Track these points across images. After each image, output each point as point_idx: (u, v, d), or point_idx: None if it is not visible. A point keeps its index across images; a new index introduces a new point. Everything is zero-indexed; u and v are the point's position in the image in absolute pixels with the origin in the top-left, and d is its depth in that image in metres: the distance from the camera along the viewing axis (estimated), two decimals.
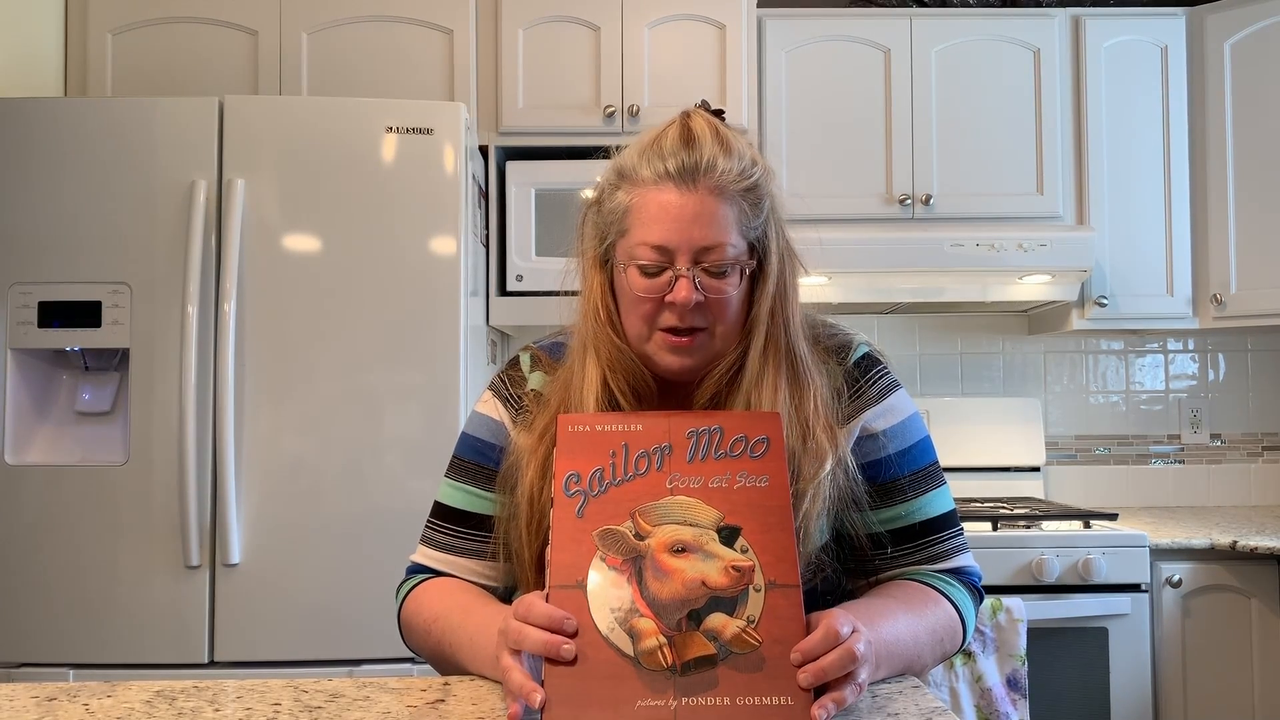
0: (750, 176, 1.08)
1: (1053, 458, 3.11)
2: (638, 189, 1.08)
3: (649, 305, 1.08)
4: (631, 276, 1.08)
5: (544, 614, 0.90)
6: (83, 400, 2.20)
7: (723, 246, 1.06)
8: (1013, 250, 2.63)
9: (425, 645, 1.16)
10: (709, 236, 1.06)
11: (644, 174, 1.08)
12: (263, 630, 2.13)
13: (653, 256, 1.06)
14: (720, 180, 1.06)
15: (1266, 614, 2.42)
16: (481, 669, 1.06)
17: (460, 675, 1.10)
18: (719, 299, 1.08)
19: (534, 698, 0.86)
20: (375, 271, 2.18)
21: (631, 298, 1.09)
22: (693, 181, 1.06)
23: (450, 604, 1.14)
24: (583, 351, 1.14)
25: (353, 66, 2.63)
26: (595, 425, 1.03)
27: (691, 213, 1.05)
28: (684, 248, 1.05)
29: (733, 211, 1.07)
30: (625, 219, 1.09)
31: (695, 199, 1.06)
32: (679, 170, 1.06)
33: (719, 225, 1.06)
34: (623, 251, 1.09)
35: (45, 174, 2.17)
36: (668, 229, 1.06)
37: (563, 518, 0.96)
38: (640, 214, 1.07)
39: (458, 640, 1.10)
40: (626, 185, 1.10)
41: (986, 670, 2.24)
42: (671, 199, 1.06)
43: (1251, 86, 2.75)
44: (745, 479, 0.99)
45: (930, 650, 1.09)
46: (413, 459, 2.16)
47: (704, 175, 1.06)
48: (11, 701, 1.01)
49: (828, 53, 2.80)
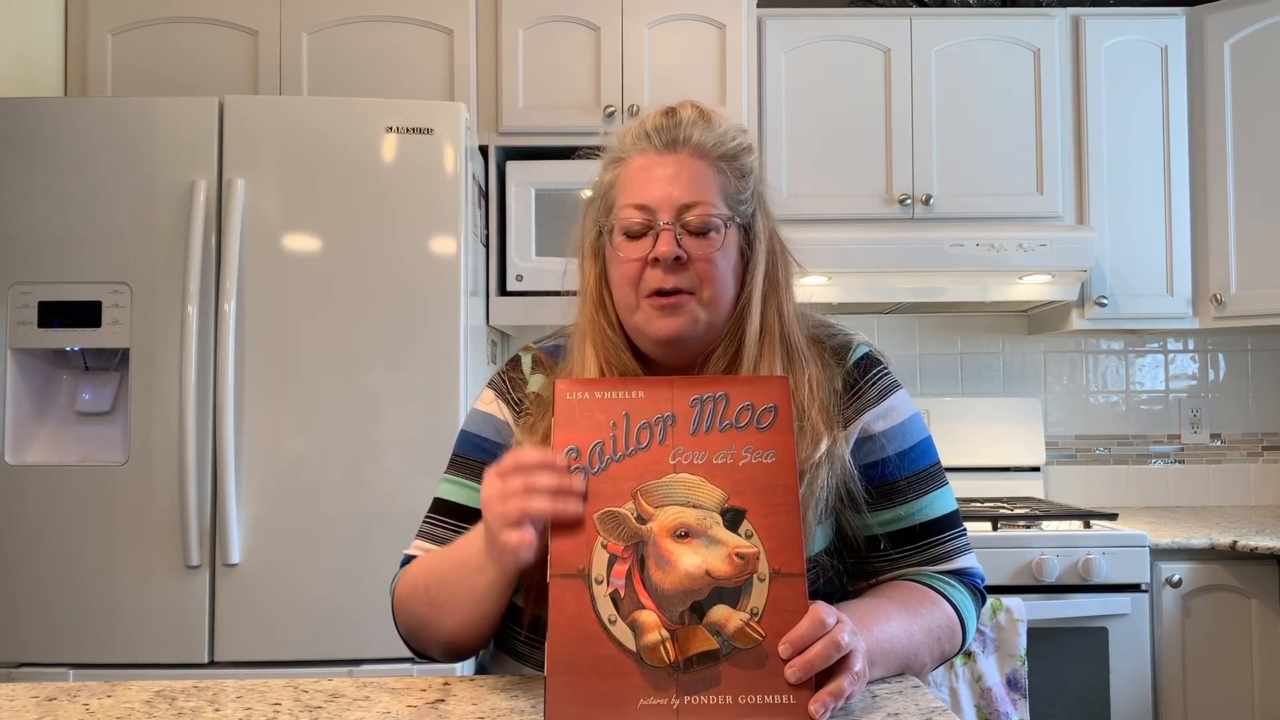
0: (732, 141, 1.12)
1: (1053, 458, 3.11)
2: (622, 162, 1.13)
3: (634, 267, 1.09)
4: (618, 242, 1.10)
5: (537, 462, 0.95)
6: (83, 400, 2.20)
7: (704, 204, 1.09)
8: (1013, 250, 2.64)
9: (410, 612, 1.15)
10: (690, 194, 1.09)
11: (629, 149, 1.13)
12: (263, 630, 2.13)
13: (636, 216, 1.09)
14: (700, 143, 1.11)
15: (1266, 614, 2.42)
16: (471, 577, 1.04)
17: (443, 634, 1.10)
18: (703, 260, 1.09)
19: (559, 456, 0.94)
20: (375, 271, 2.18)
21: (619, 263, 1.11)
22: (673, 146, 1.11)
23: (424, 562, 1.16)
24: (580, 341, 1.15)
25: (353, 66, 2.63)
26: (594, 392, 0.99)
27: (672, 172, 1.09)
28: (665, 205, 1.08)
29: (715, 176, 1.10)
30: (612, 192, 1.13)
31: (675, 159, 1.10)
32: (661, 140, 1.11)
33: (700, 184, 1.09)
34: (611, 221, 1.12)
35: (45, 174, 2.17)
36: (648, 188, 1.09)
37: None
38: (625, 181, 1.12)
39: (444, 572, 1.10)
40: (613, 165, 1.14)
41: (986, 670, 2.24)
42: (652, 161, 1.10)
43: (1251, 86, 2.75)
44: (751, 454, 0.96)
45: (928, 650, 1.09)
46: (412, 459, 2.16)
47: (684, 141, 1.11)
48: (11, 701, 1.01)
49: (828, 53, 2.80)
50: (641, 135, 1.12)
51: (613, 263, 1.12)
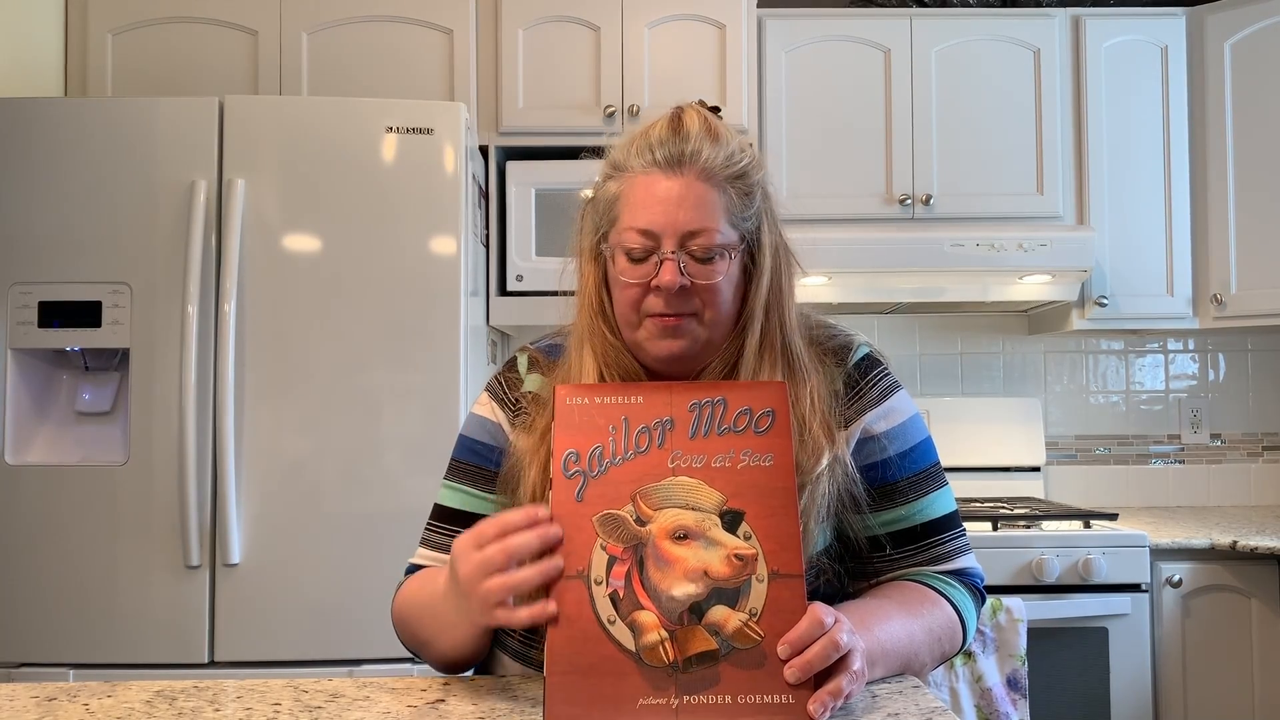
0: (738, 163, 1.09)
1: (1053, 458, 3.11)
2: (627, 177, 1.10)
3: (636, 291, 1.08)
4: (620, 262, 1.09)
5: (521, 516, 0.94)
6: (83, 400, 2.20)
7: (710, 231, 1.06)
8: (1013, 250, 2.63)
9: (405, 632, 1.16)
10: (695, 220, 1.06)
11: (633, 163, 1.10)
12: (263, 630, 2.13)
13: (639, 241, 1.07)
14: (707, 165, 1.07)
15: (1266, 614, 2.42)
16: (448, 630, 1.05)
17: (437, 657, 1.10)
18: (706, 285, 1.07)
19: (549, 608, 0.91)
20: (375, 271, 2.18)
21: (620, 285, 1.10)
22: (679, 167, 1.07)
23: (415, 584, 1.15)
24: (579, 346, 1.15)
25: (353, 66, 2.63)
26: (594, 397, 1.00)
27: (677, 196, 1.06)
28: (669, 231, 1.06)
29: (721, 198, 1.07)
30: (615, 206, 1.10)
31: (681, 183, 1.07)
32: (666, 157, 1.07)
33: (705, 210, 1.06)
34: (613, 239, 1.10)
35: (45, 174, 2.17)
36: (653, 213, 1.06)
37: (562, 501, 0.95)
38: (628, 200, 1.09)
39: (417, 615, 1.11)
40: (617, 175, 1.11)
41: (986, 670, 2.24)
42: (658, 183, 1.07)
43: (1251, 86, 2.75)
44: (749, 457, 0.97)
45: (928, 650, 1.09)
46: (412, 459, 2.16)
47: (690, 161, 1.07)
48: (11, 701, 1.01)
49: (828, 53, 2.80)
50: (646, 149, 1.09)
51: (614, 279, 1.11)
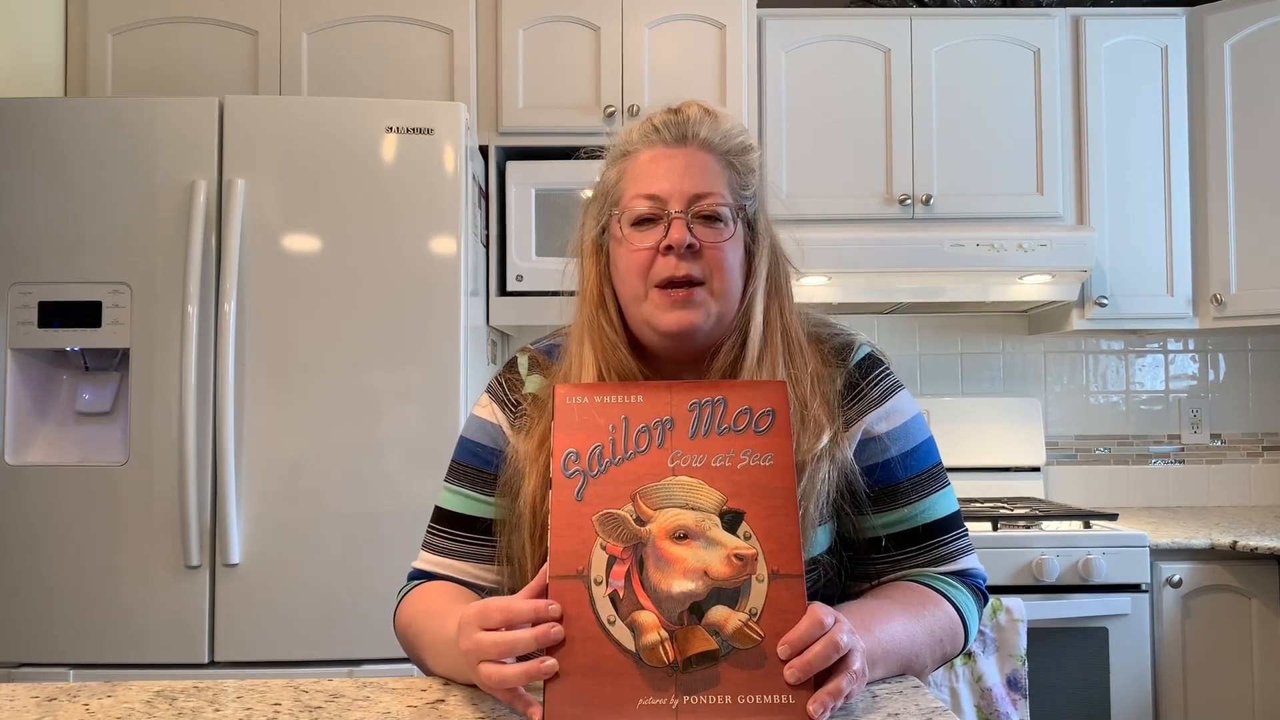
0: (736, 138, 1.14)
1: (1053, 458, 3.11)
2: (629, 157, 1.14)
3: (644, 255, 1.09)
4: (627, 232, 1.11)
5: (527, 610, 0.90)
6: (83, 400, 2.20)
7: (715, 194, 1.10)
8: (1013, 250, 2.64)
9: (407, 648, 1.16)
10: (700, 184, 1.10)
11: (636, 143, 1.14)
12: (263, 630, 2.13)
13: (647, 205, 1.10)
14: (708, 138, 1.12)
15: (1266, 614, 2.42)
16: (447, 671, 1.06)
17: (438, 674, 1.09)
18: (714, 249, 1.09)
19: (535, 713, 0.88)
20: (375, 271, 2.18)
21: (628, 256, 1.11)
22: (682, 140, 1.12)
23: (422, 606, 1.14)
24: (579, 340, 1.15)
25: (353, 66, 2.63)
26: (593, 396, 1.01)
27: (683, 164, 1.11)
28: (676, 194, 1.10)
29: (723, 170, 1.12)
30: (618, 187, 1.13)
31: (685, 153, 1.12)
32: (669, 132, 1.13)
33: (709, 176, 1.11)
34: (619, 213, 1.12)
35: (45, 174, 2.17)
36: (660, 178, 1.10)
37: (561, 501, 0.94)
38: (633, 175, 1.12)
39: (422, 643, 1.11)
40: (619, 160, 1.15)
41: (986, 670, 2.24)
42: (662, 153, 1.12)
43: (1251, 86, 2.75)
44: (749, 457, 0.97)
45: (929, 651, 1.09)
46: (412, 459, 2.16)
47: (692, 136, 1.12)
48: (11, 701, 1.01)
49: (828, 53, 2.80)
50: (649, 130, 1.14)
51: (619, 254, 1.12)
